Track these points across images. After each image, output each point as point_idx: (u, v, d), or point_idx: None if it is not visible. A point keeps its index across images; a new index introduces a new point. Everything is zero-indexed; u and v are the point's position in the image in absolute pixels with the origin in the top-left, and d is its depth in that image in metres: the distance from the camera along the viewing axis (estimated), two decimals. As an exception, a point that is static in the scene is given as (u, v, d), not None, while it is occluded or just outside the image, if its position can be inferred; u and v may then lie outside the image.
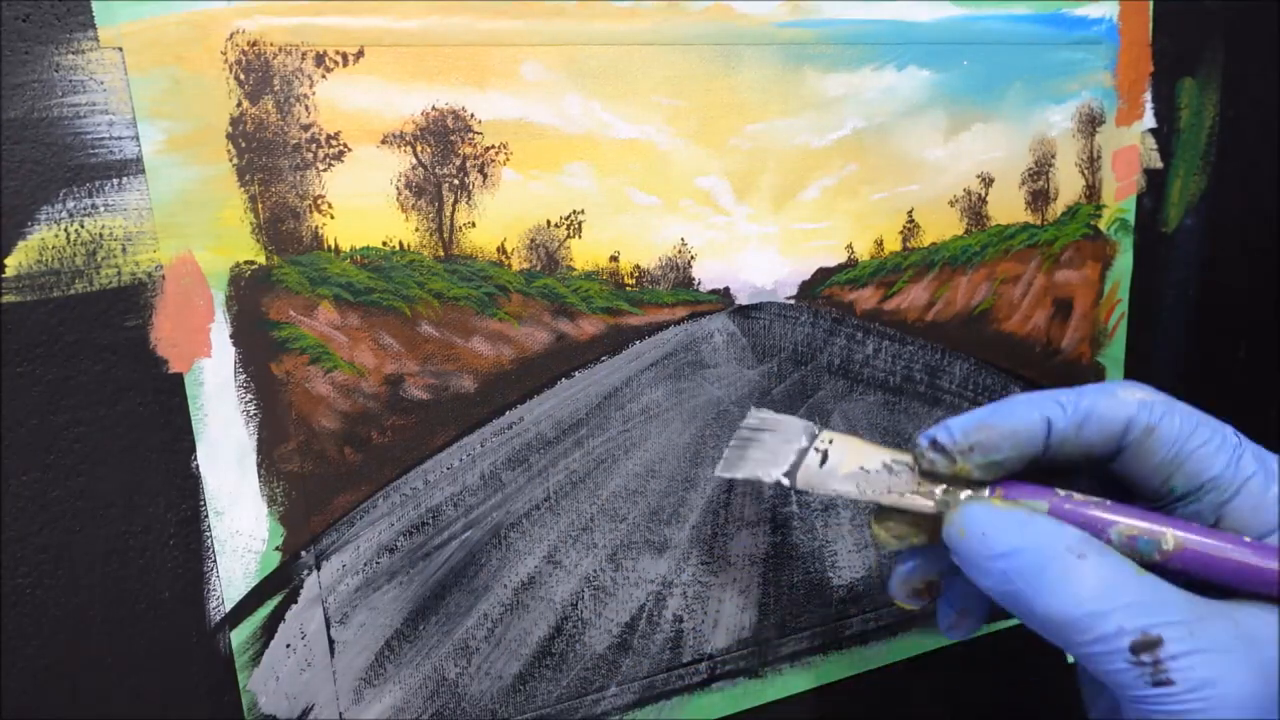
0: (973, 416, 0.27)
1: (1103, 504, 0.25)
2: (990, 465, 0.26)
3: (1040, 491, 0.26)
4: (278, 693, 0.31)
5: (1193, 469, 0.24)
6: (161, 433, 0.28)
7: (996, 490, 0.26)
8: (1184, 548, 0.24)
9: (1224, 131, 0.48)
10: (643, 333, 0.35)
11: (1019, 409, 0.26)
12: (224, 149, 0.28)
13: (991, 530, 0.25)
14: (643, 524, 0.37)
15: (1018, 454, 0.26)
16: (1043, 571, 0.23)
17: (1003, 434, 0.26)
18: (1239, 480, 0.24)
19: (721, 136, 0.35)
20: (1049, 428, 0.26)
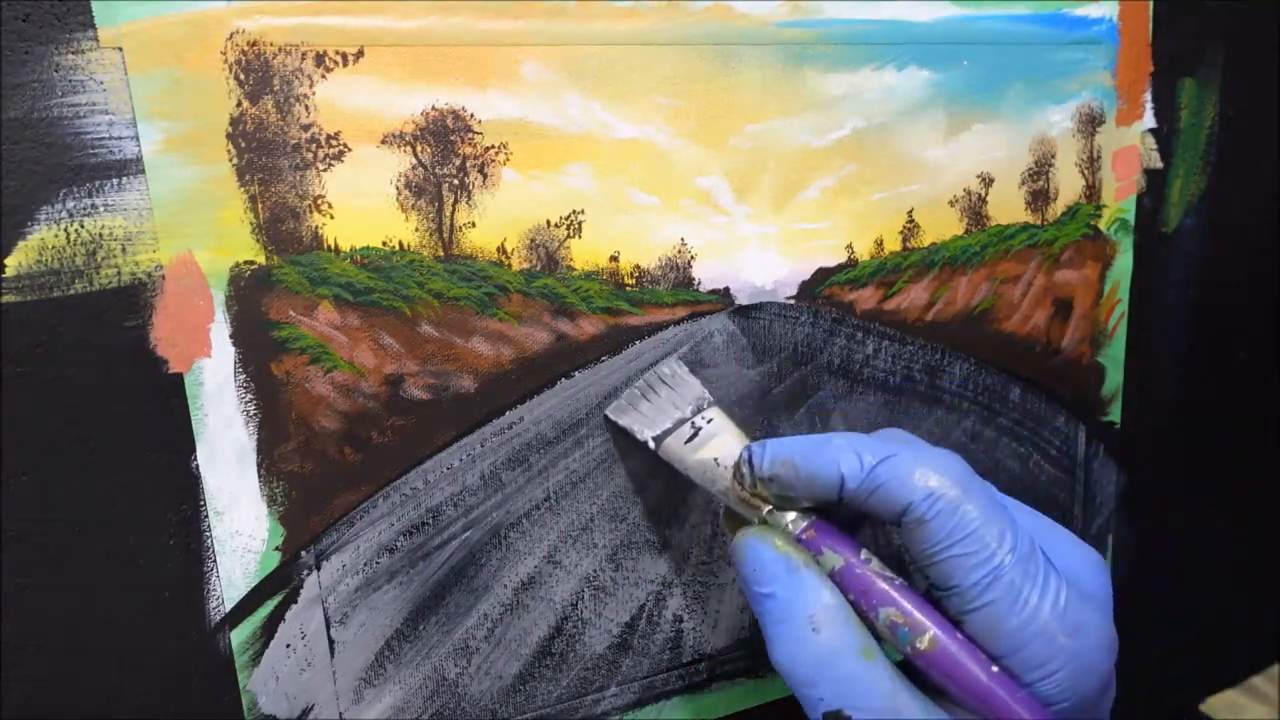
0: (788, 447, 0.27)
1: (892, 582, 0.26)
2: (785, 500, 0.28)
3: (846, 546, 0.27)
4: (278, 693, 0.31)
5: (943, 571, 0.25)
6: (161, 433, 0.28)
7: (809, 528, 0.27)
8: (935, 650, 0.25)
9: (1224, 131, 0.48)
10: (643, 333, 0.35)
11: (826, 456, 0.27)
12: (224, 149, 0.28)
13: (758, 569, 0.27)
14: (643, 524, 0.37)
15: (811, 499, 0.27)
16: (783, 624, 0.26)
17: (800, 477, 0.27)
18: (979, 601, 0.25)
19: (721, 136, 0.35)
20: (842, 486, 0.26)
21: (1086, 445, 0.48)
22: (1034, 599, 0.25)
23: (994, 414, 0.44)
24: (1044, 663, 0.24)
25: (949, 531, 0.25)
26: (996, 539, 0.25)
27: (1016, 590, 0.24)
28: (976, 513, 0.25)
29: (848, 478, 0.26)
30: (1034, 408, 0.45)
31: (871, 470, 0.26)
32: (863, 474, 0.26)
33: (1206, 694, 0.58)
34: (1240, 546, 0.56)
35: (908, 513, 0.25)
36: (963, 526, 0.25)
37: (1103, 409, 0.48)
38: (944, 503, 0.25)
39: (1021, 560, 0.25)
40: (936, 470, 0.26)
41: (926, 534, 0.25)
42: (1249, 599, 0.58)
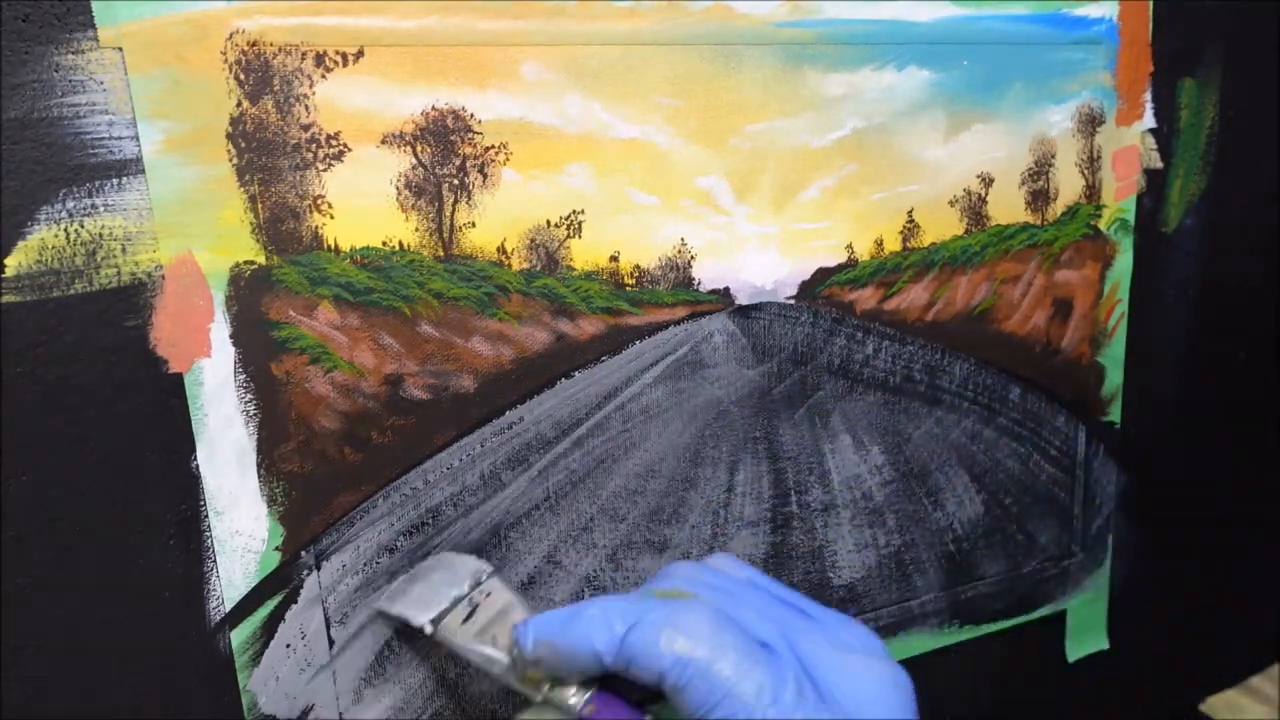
0: (546, 626, 0.27)
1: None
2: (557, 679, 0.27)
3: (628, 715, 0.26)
4: (278, 693, 0.31)
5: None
6: (161, 433, 0.28)
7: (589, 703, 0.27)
8: None
9: (1224, 131, 0.48)
10: (643, 333, 0.35)
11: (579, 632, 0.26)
12: (224, 149, 0.28)
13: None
14: (643, 524, 0.37)
15: (579, 675, 0.27)
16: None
17: (562, 657, 0.26)
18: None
19: (721, 136, 0.35)
20: (600, 661, 0.26)
21: (1086, 445, 0.48)
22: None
23: (994, 414, 0.44)
24: None
25: (705, 695, 0.24)
26: (754, 694, 0.24)
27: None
28: (730, 670, 0.24)
29: (603, 653, 0.25)
30: (1034, 408, 0.45)
31: (622, 640, 0.25)
32: (616, 645, 0.25)
33: (1206, 694, 0.58)
34: (1240, 546, 0.56)
35: (663, 682, 0.25)
36: (717, 689, 0.24)
37: (1103, 409, 0.48)
38: (694, 668, 0.24)
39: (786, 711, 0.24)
40: (683, 632, 0.25)
41: (685, 701, 0.24)
42: (1249, 599, 0.58)
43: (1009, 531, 0.46)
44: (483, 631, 0.29)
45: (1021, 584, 0.47)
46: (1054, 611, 0.49)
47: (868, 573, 0.42)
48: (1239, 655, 0.59)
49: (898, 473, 0.42)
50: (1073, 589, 0.49)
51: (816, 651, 0.26)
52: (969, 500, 0.44)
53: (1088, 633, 0.51)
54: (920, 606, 0.44)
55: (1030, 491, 0.46)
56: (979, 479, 0.44)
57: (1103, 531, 0.49)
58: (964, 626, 0.46)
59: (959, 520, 0.44)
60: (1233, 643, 0.58)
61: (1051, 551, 0.48)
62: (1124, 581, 0.51)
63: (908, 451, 0.42)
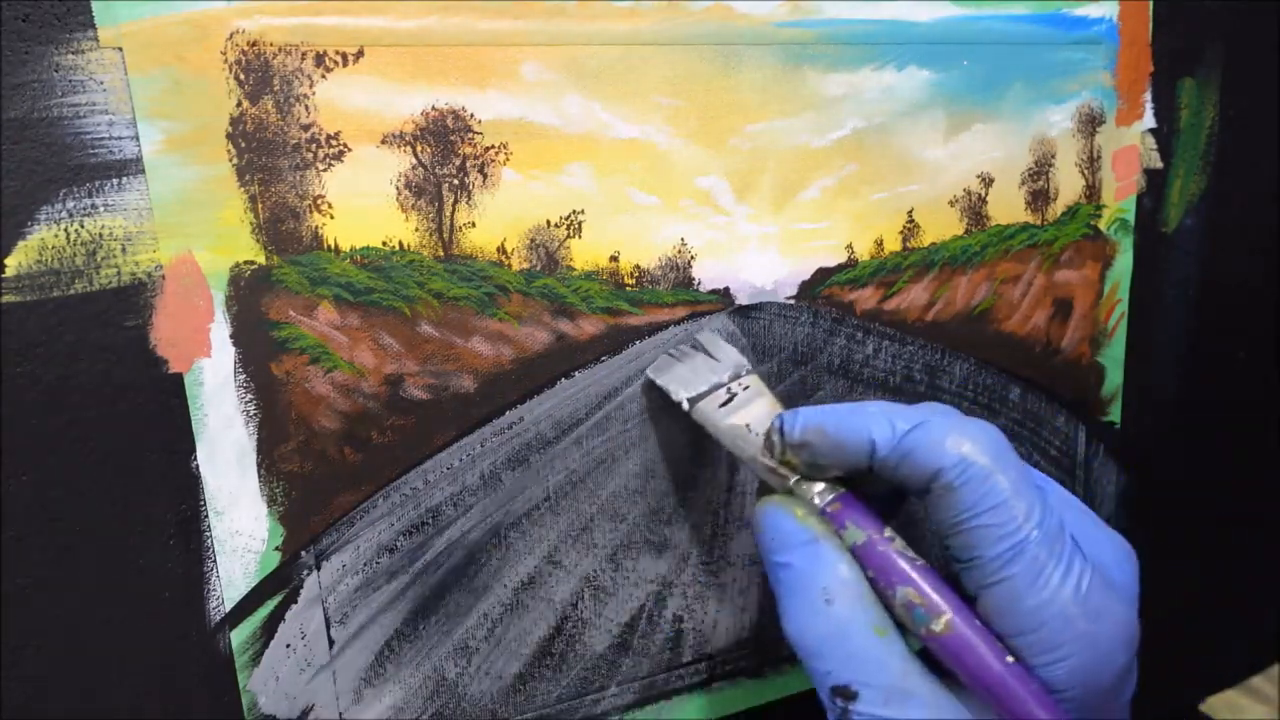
0: (818, 415, 0.27)
1: (914, 562, 0.26)
2: (815, 467, 0.27)
3: (870, 522, 0.27)
4: (278, 693, 0.31)
5: (966, 541, 0.25)
6: (161, 433, 0.28)
7: (835, 501, 0.27)
8: (949, 634, 0.25)
9: (1224, 131, 0.48)
10: (643, 333, 0.35)
11: (857, 422, 0.26)
12: (224, 149, 0.28)
13: (777, 538, 0.27)
14: (643, 524, 0.37)
15: (841, 466, 0.27)
16: (796, 594, 0.26)
17: (832, 445, 0.26)
18: (999, 575, 0.24)
19: (721, 136, 0.35)
20: (873, 453, 0.26)
21: (1086, 445, 0.48)
22: (1055, 579, 0.24)
23: (994, 414, 0.44)
24: (1057, 646, 0.24)
25: (976, 500, 0.24)
26: (1024, 513, 0.24)
27: (1039, 567, 0.24)
28: (1006, 484, 0.25)
29: (879, 444, 0.26)
30: (1034, 408, 0.45)
31: (904, 435, 0.25)
32: (894, 439, 0.26)
33: (1206, 694, 0.58)
34: (1240, 546, 0.56)
35: (937, 478, 0.25)
36: (991, 496, 0.24)
37: (1103, 409, 0.48)
38: (974, 470, 0.25)
39: (1048, 538, 0.24)
40: (970, 438, 0.25)
41: (953, 501, 0.25)
42: (1249, 599, 0.58)
43: (1009, 531, 0.46)
44: (737, 416, 0.30)
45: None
46: (1054, 611, 0.49)
47: (868, 573, 0.42)
48: (1239, 655, 0.59)
49: (898, 473, 0.42)
50: (1073, 589, 0.49)
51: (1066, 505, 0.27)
52: (969, 500, 0.44)
53: (1088, 633, 0.51)
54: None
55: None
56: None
57: (1103, 531, 0.49)
58: (964, 626, 0.46)
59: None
60: (1233, 643, 0.58)
61: (1051, 551, 0.48)
62: (1124, 581, 0.51)
63: (908, 451, 0.42)
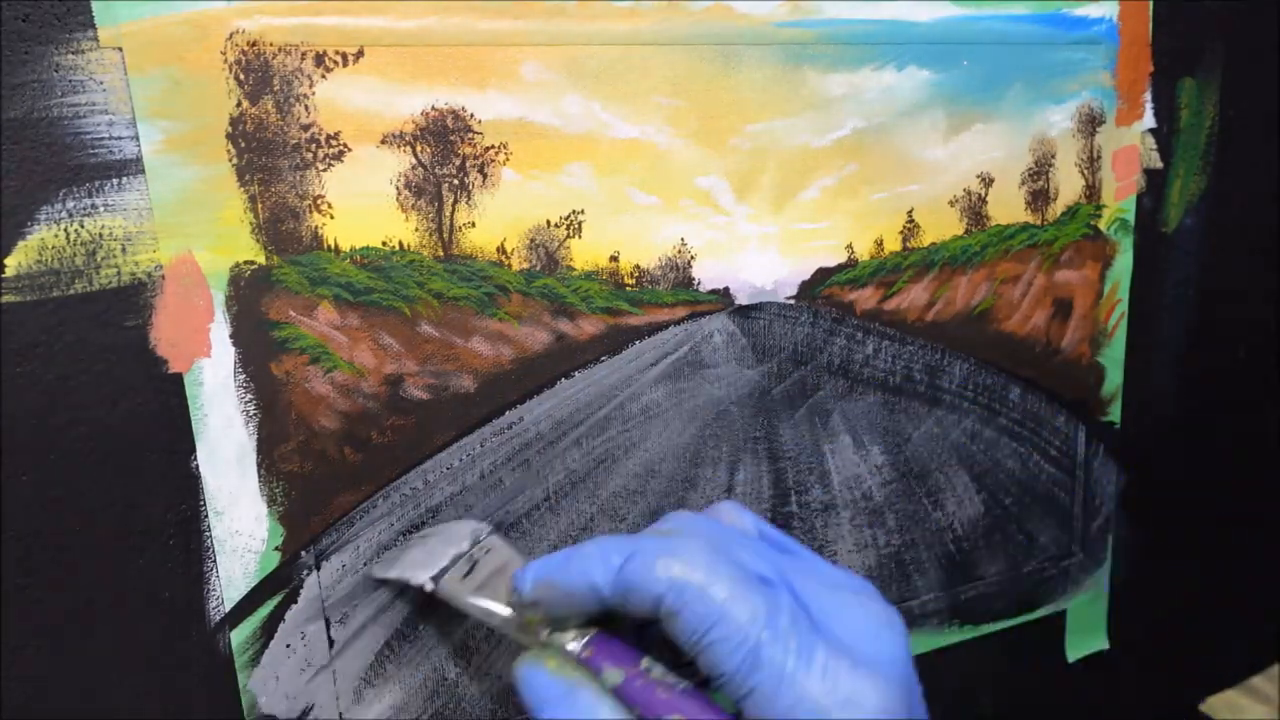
0: (545, 567, 0.27)
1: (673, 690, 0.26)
2: (557, 619, 0.27)
3: (627, 657, 0.26)
4: (278, 693, 0.31)
5: (708, 661, 0.24)
6: (161, 433, 0.28)
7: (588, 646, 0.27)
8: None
9: (1224, 131, 0.48)
10: (643, 333, 0.35)
11: (577, 568, 0.26)
12: (224, 149, 0.28)
13: (535, 694, 0.26)
14: (643, 524, 0.37)
15: (578, 614, 0.27)
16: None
17: (559, 596, 0.26)
18: (746, 686, 0.24)
19: (721, 136, 0.35)
20: (599, 595, 0.26)
21: (1086, 445, 0.48)
22: (799, 676, 0.24)
23: (994, 414, 0.44)
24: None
25: (699, 620, 0.24)
26: (749, 618, 0.24)
27: (779, 669, 0.23)
28: (724, 594, 0.24)
29: (600, 585, 0.25)
30: (1034, 408, 0.45)
31: (618, 570, 0.25)
32: (613, 577, 0.25)
33: (1206, 694, 0.58)
34: (1240, 546, 0.56)
35: (659, 607, 0.25)
36: (711, 613, 0.24)
37: (1103, 409, 0.48)
38: (689, 591, 0.24)
39: (781, 636, 0.24)
40: (679, 558, 0.25)
41: (681, 626, 0.24)
42: (1249, 599, 0.58)
43: (1009, 532, 0.46)
44: (483, 586, 0.30)
45: (1021, 584, 0.47)
46: (1054, 611, 0.49)
47: (868, 572, 0.42)
48: (1239, 655, 0.59)
49: (897, 473, 0.42)
50: (1072, 589, 0.49)
51: (811, 588, 0.26)
52: (969, 500, 0.44)
53: (1088, 633, 0.51)
54: (920, 606, 0.44)
55: (1030, 491, 0.46)
56: (979, 479, 0.44)
57: (1103, 531, 0.49)
58: (964, 626, 0.46)
59: (959, 520, 0.44)
60: (1233, 643, 0.58)
61: (1051, 551, 0.48)
62: (1124, 581, 0.51)
63: (908, 451, 0.42)
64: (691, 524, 0.28)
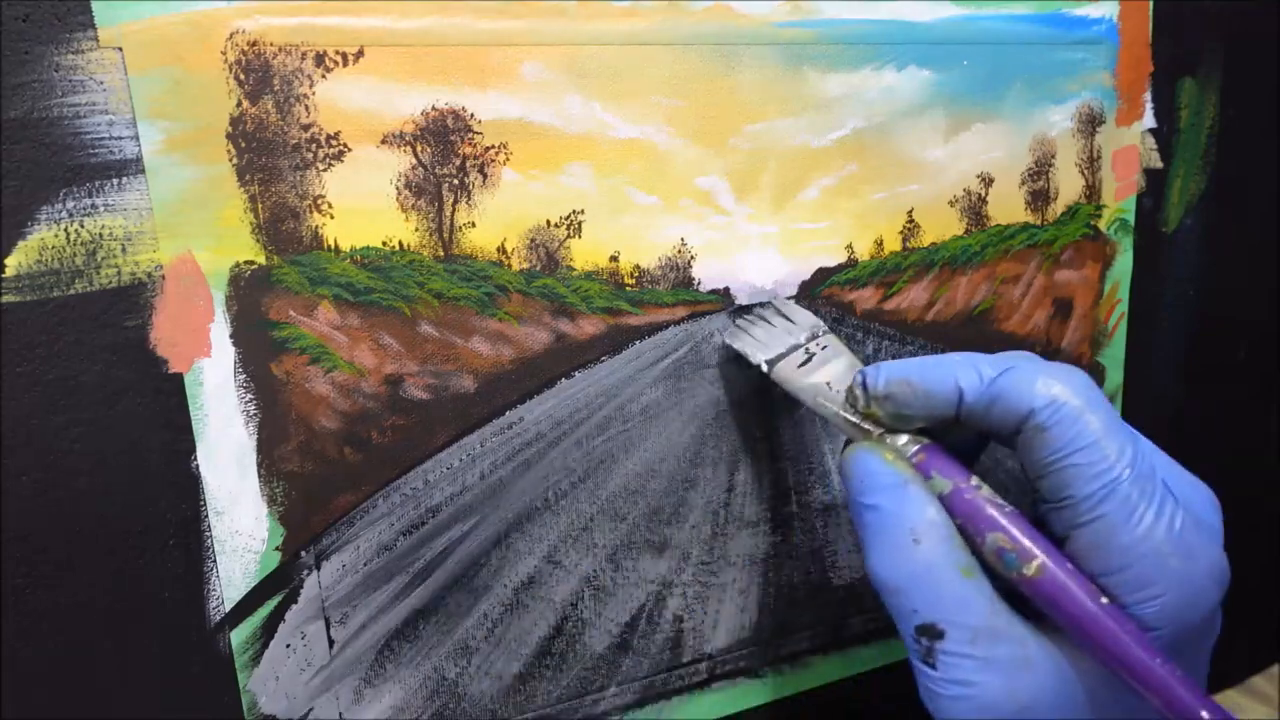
0: (902, 367, 0.28)
1: (1002, 508, 0.26)
2: (901, 418, 0.28)
3: (956, 470, 0.27)
4: (278, 693, 0.31)
5: (1058, 481, 0.25)
6: (161, 433, 0.28)
7: (920, 452, 0.27)
8: (1042, 577, 0.25)
9: (1224, 131, 0.48)
10: (643, 333, 0.35)
11: (943, 371, 0.27)
12: (224, 149, 0.28)
13: (866, 480, 0.27)
14: (643, 524, 0.37)
15: (928, 414, 0.27)
16: (884, 534, 0.26)
17: (917, 394, 0.27)
18: (1093, 514, 0.24)
19: (721, 136, 0.35)
20: (960, 400, 0.26)
21: (1086, 445, 0.47)
22: (1149, 517, 0.24)
23: (994, 414, 0.44)
24: (1151, 584, 0.24)
25: (1069, 440, 0.24)
26: (1116, 453, 0.24)
27: (1132, 506, 0.24)
28: (1098, 424, 0.25)
29: (966, 390, 0.26)
30: (1034, 408, 0.45)
31: (992, 382, 0.26)
32: (982, 386, 0.26)
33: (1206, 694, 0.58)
34: (1240, 546, 0.56)
35: (1029, 420, 0.25)
36: (1082, 436, 0.24)
37: (1103, 409, 0.48)
38: (1066, 411, 0.25)
39: (1139, 478, 0.24)
40: (1059, 380, 0.25)
41: (1045, 441, 0.25)
42: (1249, 599, 0.58)
43: (1009, 531, 0.46)
44: (817, 375, 0.31)
45: (1021, 584, 0.47)
46: (1054, 611, 0.49)
47: (868, 573, 0.42)
48: (1239, 655, 0.59)
49: (898, 473, 0.42)
50: (1073, 589, 0.49)
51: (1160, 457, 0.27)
52: (969, 500, 0.44)
53: (1088, 633, 0.51)
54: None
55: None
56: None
57: (1103, 531, 0.49)
58: (964, 626, 0.46)
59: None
60: (1233, 643, 0.58)
61: (1051, 551, 0.48)
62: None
63: (908, 451, 0.42)
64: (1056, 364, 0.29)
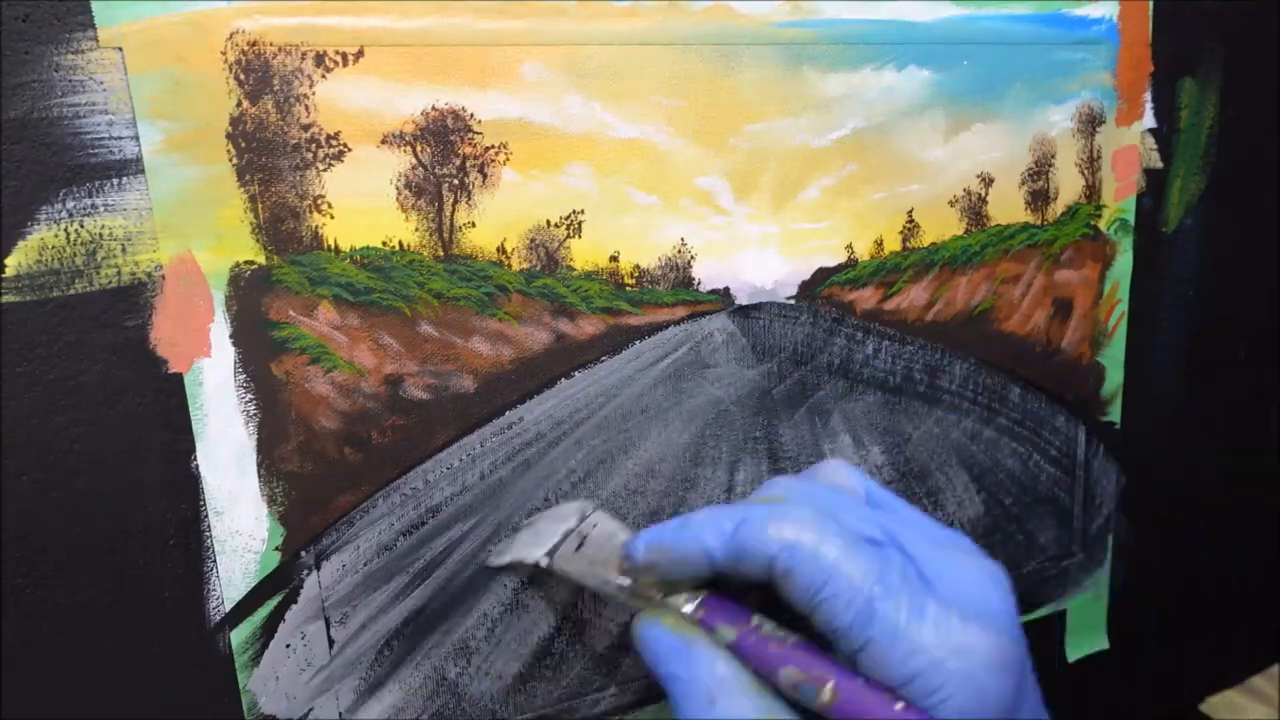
0: (658, 534, 0.28)
1: (785, 643, 0.26)
2: (669, 584, 0.28)
3: (738, 616, 0.27)
4: (278, 693, 0.31)
5: (822, 617, 0.25)
6: (161, 433, 0.28)
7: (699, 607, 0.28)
8: (839, 700, 0.25)
9: (1224, 131, 0.48)
10: (643, 333, 0.35)
11: (689, 535, 0.27)
12: (224, 149, 0.28)
13: (656, 652, 0.28)
14: (643, 524, 0.37)
15: (691, 578, 0.28)
16: (685, 699, 0.27)
17: (674, 560, 0.28)
18: (860, 639, 0.24)
19: (721, 136, 0.35)
20: (710, 561, 0.27)
21: (1086, 445, 0.48)
22: (912, 629, 0.24)
23: (994, 414, 0.44)
24: (936, 689, 0.24)
25: (811, 578, 0.25)
26: (861, 575, 0.25)
27: (892, 623, 0.24)
28: (835, 553, 0.25)
29: (713, 549, 0.26)
30: (1034, 408, 0.45)
31: (730, 536, 0.26)
32: (725, 543, 0.26)
33: (1206, 694, 0.58)
34: (1240, 546, 0.56)
35: (772, 569, 0.25)
36: (824, 569, 0.25)
37: (1103, 409, 0.48)
38: (801, 551, 0.25)
39: (892, 591, 0.25)
40: (789, 521, 0.26)
41: (793, 585, 0.25)
42: (1249, 599, 0.58)
43: (1009, 531, 0.46)
44: (594, 558, 0.31)
45: (1021, 584, 0.47)
46: (1054, 611, 0.49)
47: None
48: (1239, 655, 0.59)
49: (898, 472, 0.42)
50: (1072, 589, 0.49)
51: (918, 546, 0.27)
52: (969, 500, 0.44)
53: (1088, 633, 0.51)
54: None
55: (1030, 491, 0.46)
56: (979, 479, 0.44)
57: (1103, 531, 0.49)
58: (964, 626, 0.46)
59: (959, 520, 0.44)
60: (1233, 643, 0.58)
61: (1051, 551, 0.48)
62: (1124, 581, 0.51)
63: (908, 451, 0.42)
64: (796, 489, 0.29)
